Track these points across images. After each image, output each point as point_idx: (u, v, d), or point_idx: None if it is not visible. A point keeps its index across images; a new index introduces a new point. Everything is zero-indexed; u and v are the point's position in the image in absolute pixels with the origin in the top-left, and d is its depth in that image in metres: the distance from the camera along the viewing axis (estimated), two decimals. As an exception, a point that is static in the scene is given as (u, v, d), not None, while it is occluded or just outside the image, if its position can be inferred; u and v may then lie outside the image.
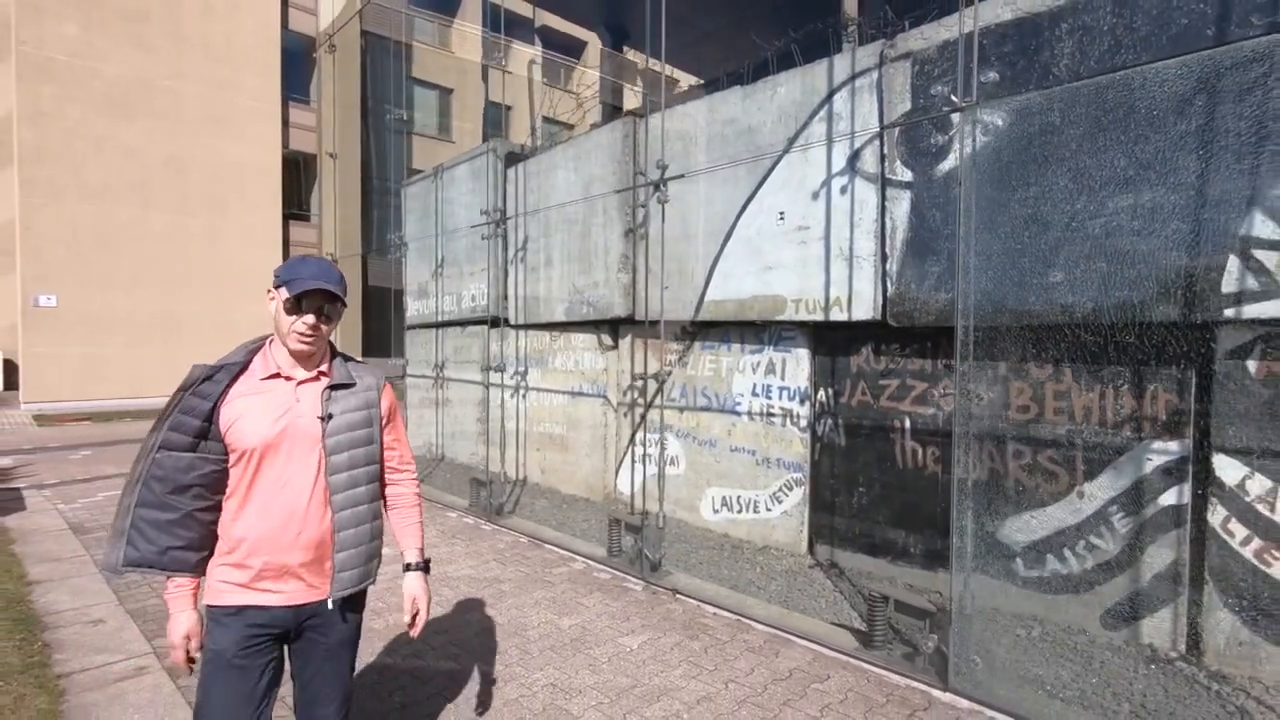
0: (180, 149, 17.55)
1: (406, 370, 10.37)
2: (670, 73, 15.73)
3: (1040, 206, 3.91)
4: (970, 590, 3.36)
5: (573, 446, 7.51)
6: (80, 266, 16.07)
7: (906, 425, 4.80)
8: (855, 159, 4.81)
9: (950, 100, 3.77)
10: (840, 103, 4.91)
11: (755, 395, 5.73)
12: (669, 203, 5.72)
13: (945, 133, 4.28)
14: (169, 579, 1.79)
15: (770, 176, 5.37)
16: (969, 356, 3.30)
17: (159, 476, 1.74)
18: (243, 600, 1.80)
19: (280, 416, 1.82)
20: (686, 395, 6.31)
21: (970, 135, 3.46)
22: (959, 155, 3.78)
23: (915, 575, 4.74)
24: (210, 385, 1.79)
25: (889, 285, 4.66)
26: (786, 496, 5.51)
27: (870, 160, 4.73)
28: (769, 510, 5.63)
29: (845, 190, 4.87)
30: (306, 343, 1.84)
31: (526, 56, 22.50)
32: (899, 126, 4.40)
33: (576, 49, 23.95)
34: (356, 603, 1.98)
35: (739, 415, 5.85)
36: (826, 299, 5.01)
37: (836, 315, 4.96)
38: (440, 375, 9.47)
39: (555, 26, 21.75)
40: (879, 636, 3.61)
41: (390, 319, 10.75)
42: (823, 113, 5.02)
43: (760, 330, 5.66)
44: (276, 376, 1.85)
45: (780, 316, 5.32)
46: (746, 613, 4.19)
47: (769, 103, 5.39)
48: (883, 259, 4.69)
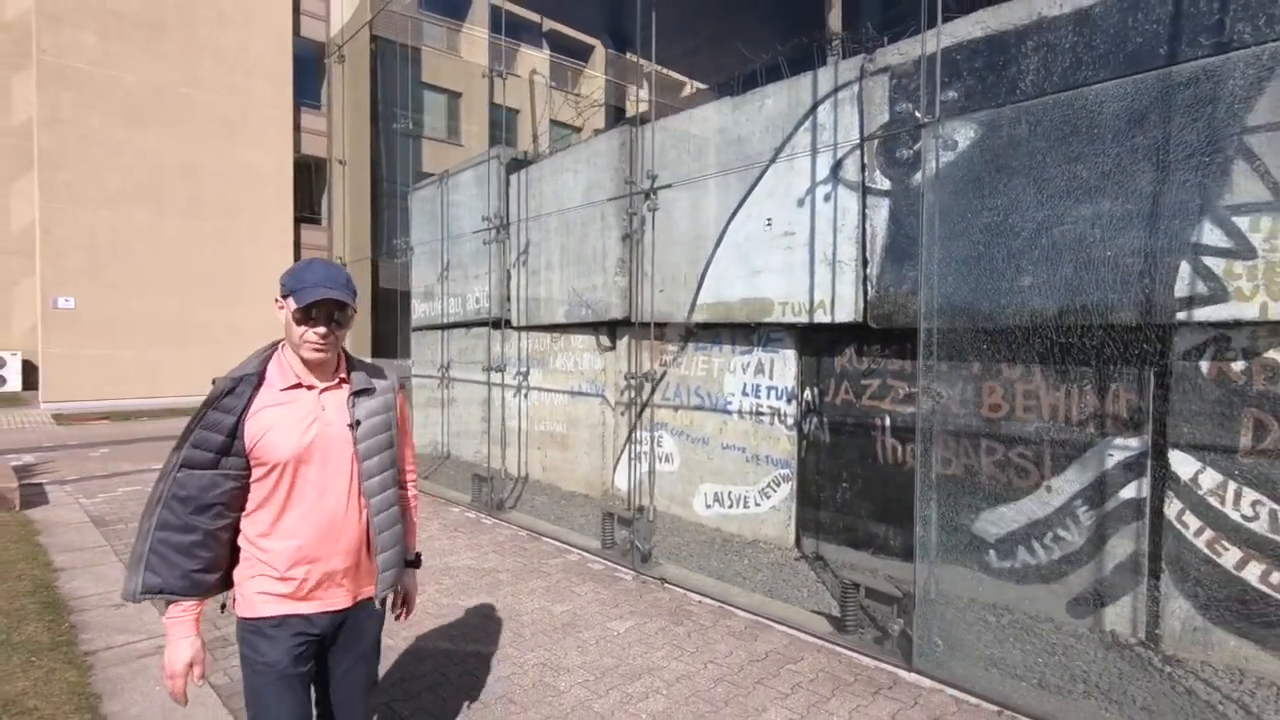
0: (195, 154, 17.93)
1: (412, 371, 10.65)
2: (666, 74, 15.95)
3: (1009, 214, 4.11)
4: (934, 577, 3.57)
5: (572, 444, 7.75)
6: (98, 269, 16.48)
7: (887, 423, 5.00)
8: (838, 168, 5.02)
9: (915, 117, 3.97)
10: (824, 114, 5.12)
11: (745, 394, 5.95)
12: (664, 208, 5.97)
13: (951, 138, 4.49)
14: (168, 604, 1.71)
15: (759, 184, 5.59)
16: (932, 357, 3.51)
17: (181, 497, 1.68)
18: (285, 611, 1.78)
19: (309, 426, 1.79)
20: (681, 395, 6.53)
21: (933, 150, 3.67)
22: (939, 165, 3.99)
23: (895, 566, 4.93)
24: (233, 399, 1.73)
25: (869, 289, 4.87)
26: (775, 492, 5.72)
27: (851, 170, 4.94)
28: (758, 505, 5.84)
29: (828, 198, 5.08)
30: (320, 351, 1.80)
31: (534, 60, 22.81)
32: (878, 138, 4.60)
33: (584, 52, 24.21)
34: (385, 605, 2.01)
35: (730, 414, 6.07)
36: (811, 302, 5.22)
37: (820, 317, 5.17)
38: (445, 376, 9.73)
39: (563, 30, 22.01)
40: (851, 621, 3.82)
41: (397, 321, 11.03)
42: (807, 124, 5.24)
43: (750, 332, 5.88)
44: (298, 386, 1.82)
45: (768, 318, 5.53)
46: (729, 600, 4.41)
47: (757, 113, 5.61)
48: (863, 264, 4.90)
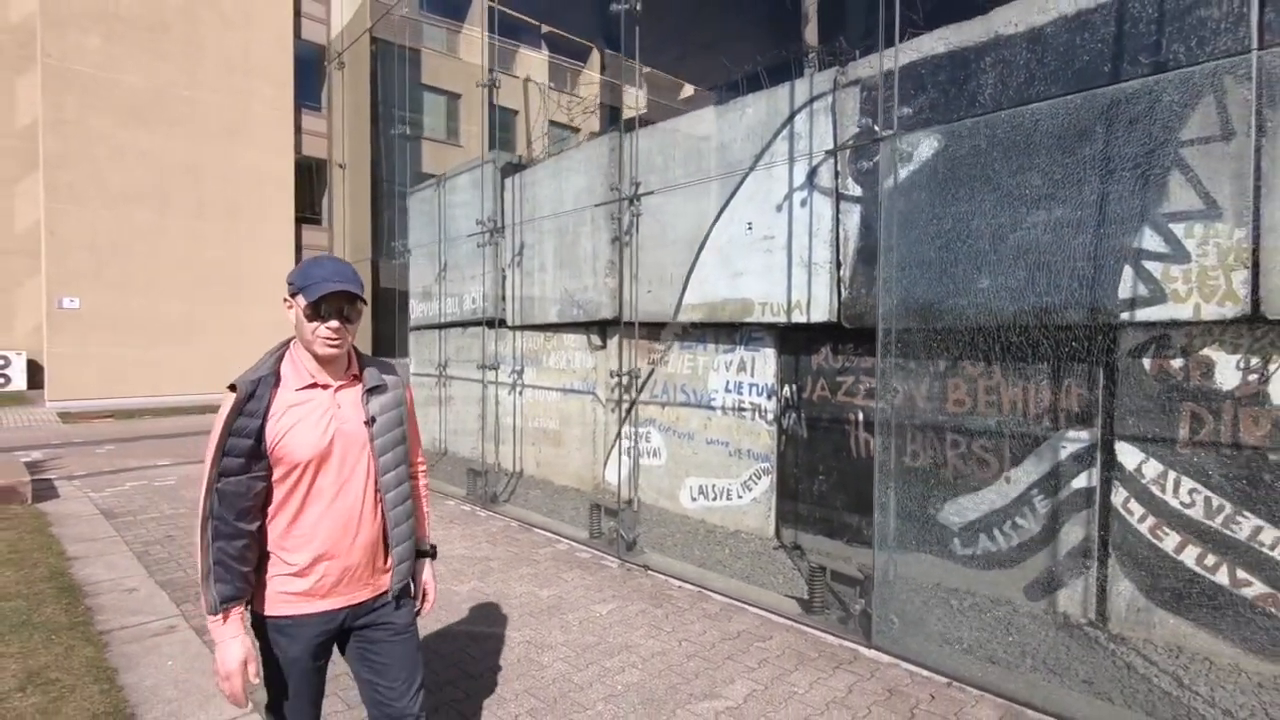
0: (197, 156, 18.19)
1: (411, 370, 10.90)
2: (663, 75, 16.18)
3: (970, 220, 4.35)
4: (893, 561, 3.82)
5: (565, 440, 8.00)
6: (102, 270, 16.73)
7: (859, 418, 5.25)
8: (813, 175, 5.27)
9: (874, 130, 4.22)
10: (800, 123, 5.37)
11: (728, 391, 6.20)
12: (652, 212, 6.22)
13: (905, 151, 4.73)
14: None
15: (740, 190, 5.84)
16: (890, 355, 3.75)
17: (225, 505, 1.72)
18: (306, 609, 1.82)
19: (327, 425, 1.82)
20: (668, 392, 6.78)
21: (891, 161, 3.91)
22: (896, 176, 4.24)
23: (868, 555, 5.18)
24: (254, 402, 1.75)
25: (842, 290, 5.12)
26: (756, 485, 5.97)
27: (826, 177, 5.18)
28: (740, 498, 6.10)
29: (805, 203, 5.32)
30: (333, 346, 1.81)
31: (533, 61, 23.04)
32: (849, 148, 4.85)
33: (582, 53, 24.45)
34: (406, 590, 2.03)
35: (714, 410, 6.32)
36: (789, 302, 5.47)
37: (797, 317, 5.41)
38: (443, 374, 9.98)
39: (561, 31, 22.24)
40: (818, 603, 4.07)
41: (395, 321, 11.29)
42: (785, 132, 5.48)
43: (732, 331, 6.13)
44: (314, 386, 1.84)
45: (749, 318, 5.78)
46: (707, 585, 4.67)
47: (739, 121, 5.86)
48: (837, 266, 5.14)
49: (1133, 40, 3.73)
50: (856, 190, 4.99)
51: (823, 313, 5.23)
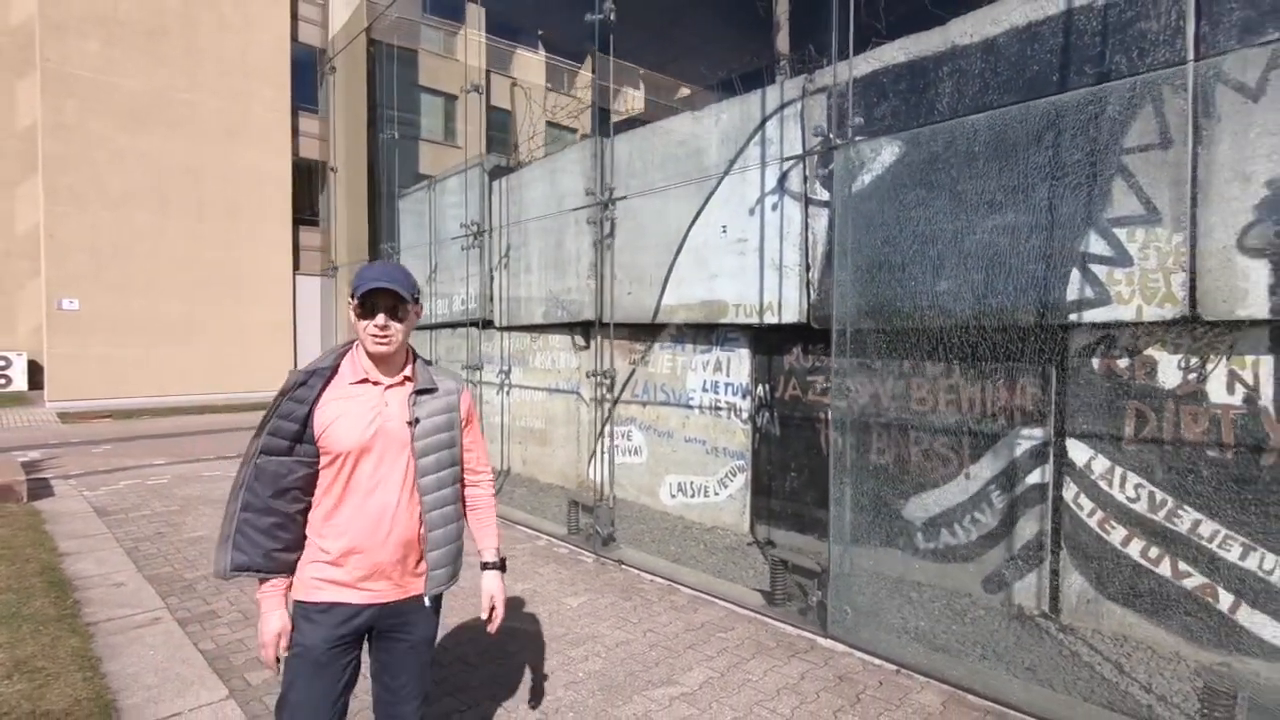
0: (196, 158, 18.35)
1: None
2: (660, 75, 16.29)
3: (929, 224, 4.48)
4: (848, 553, 3.96)
5: (550, 439, 8.15)
6: (101, 271, 16.91)
7: (829, 417, 5.39)
8: (783, 180, 5.40)
9: (830, 138, 4.36)
10: (771, 129, 5.50)
11: (705, 391, 6.34)
12: (632, 215, 6.37)
13: (865, 158, 4.87)
14: (260, 581, 1.85)
15: (715, 194, 5.97)
16: (845, 355, 3.89)
17: (262, 481, 1.80)
18: (334, 597, 1.86)
19: (372, 420, 1.87)
20: (648, 391, 6.93)
21: (846, 169, 4.05)
22: (851, 183, 4.37)
23: (868, 555, 5.32)
24: (305, 390, 1.85)
25: (811, 292, 5.26)
26: (731, 482, 6.11)
27: (795, 181, 5.32)
28: (716, 495, 6.24)
29: (775, 207, 5.46)
30: (381, 343, 1.87)
31: (530, 62, 23.19)
32: (815, 153, 4.98)
33: (580, 54, 24.57)
34: (438, 602, 2.04)
35: (692, 409, 6.46)
36: (761, 304, 5.60)
37: (769, 319, 5.55)
38: (434, 374, 10.12)
39: (545, 34, 22.35)
40: (779, 595, 4.21)
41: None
42: (757, 138, 5.62)
43: (709, 332, 6.27)
44: (365, 382, 1.91)
45: (724, 320, 5.92)
46: (677, 579, 4.81)
47: (714, 127, 5.99)
48: (806, 269, 5.28)
49: (1078, 51, 3.86)
50: (824, 195, 5.13)
51: (793, 314, 5.37)
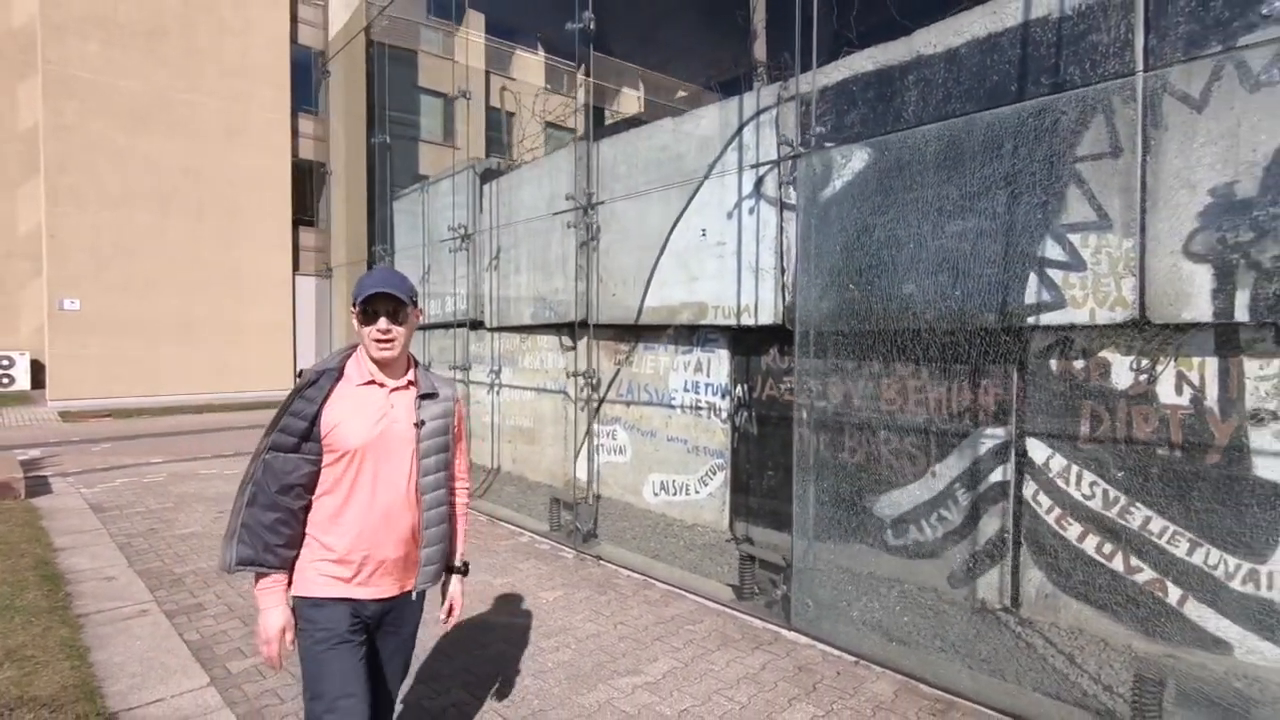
0: (196, 158, 18.51)
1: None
2: (658, 75, 16.36)
3: (896, 229, 4.60)
4: (812, 548, 4.08)
5: (539, 438, 8.28)
6: (102, 271, 17.08)
7: (822, 418, 5.50)
8: (759, 185, 5.52)
9: (792, 146, 4.48)
10: (749, 135, 5.62)
11: (687, 391, 6.46)
12: (616, 218, 6.50)
13: (827, 166, 4.99)
14: (259, 576, 1.86)
15: (695, 197, 6.09)
16: (808, 355, 4.01)
17: (269, 476, 1.84)
18: (341, 593, 1.91)
19: (379, 420, 1.93)
20: (632, 391, 7.06)
21: (808, 176, 4.17)
22: (814, 189, 4.50)
23: (843, 553, 5.44)
24: (315, 390, 1.89)
25: (786, 294, 5.38)
26: (711, 480, 6.24)
27: (771, 186, 5.44)
28: (697, 493, 6.36)
29: (752, 211, 5.58)
30: (384, 349, 1.93)
31: (529, 63, 23.30)
32: (782, 161, 5.10)
33: (577, 55, 24.64)
34: (423, 596, 2.12)
35: (674, 408, 6.59)
36: (738, 306, 5.72)
37: (746, 320, 5.67)
38: (427, 373, 10.26)
39: (534, 34, 22.42)
40: (747, 589, 4.34)
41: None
42: (735, 143, 5.74)
43: (690, 333, 6.39)
44: (372, 384, 1.97)
45: (703, 321, 6.04)
46: (652, 574, 4.94)
47: (694, 132, 6.12)
48: (781, 272, 5.40)
49: (1035, 62, 3.98)
50: (805, 199, 5.24)
51: (769, 316, 5.49)
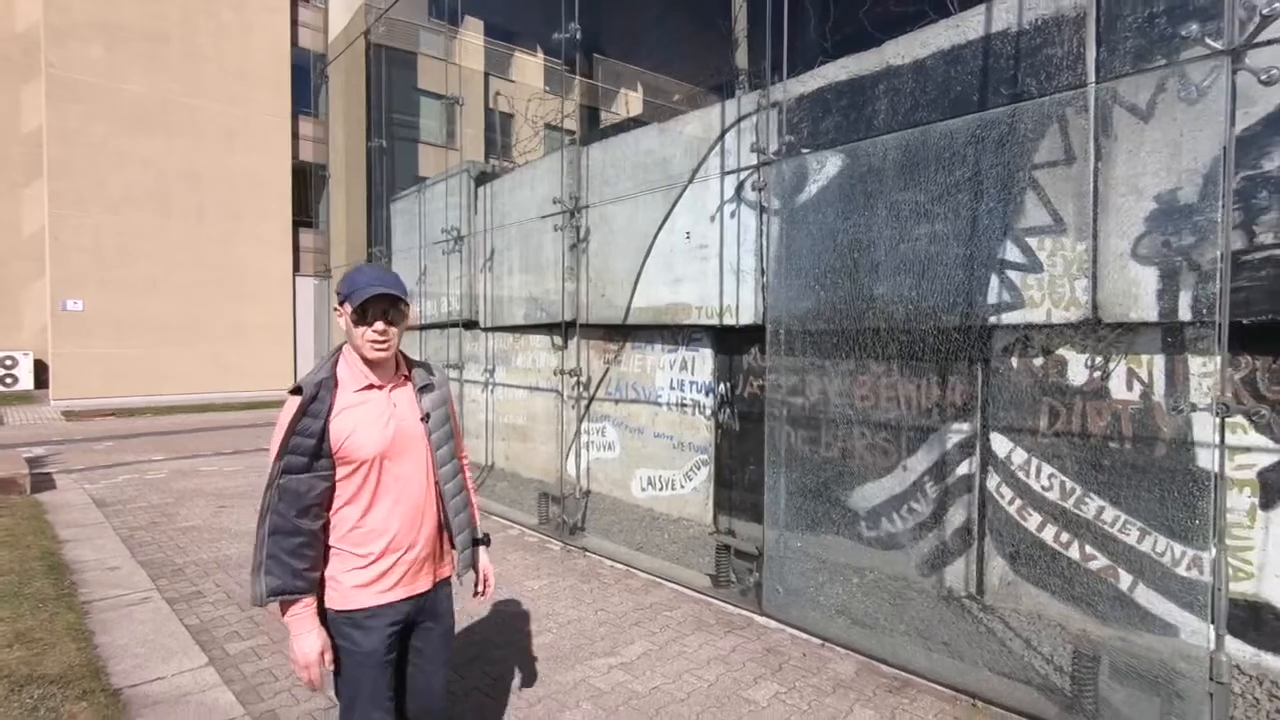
0: (197, 161, 18.75)
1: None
2: (640, 71, 16.57)
3: (867, 231, 4.79)
4: (783, 536, 4.27)
5: (532, 435, 8.48)
6: (104, 273, 17.31)
7: (791, 413, 5.69)
8: (740, 189, 5.71)
9: (763, 153, 4.67)
10: (730, 140, 5.81)
11: (672, 389, 6.66)
12: (605, 220, 6.70)
13: (797, 172, 5.18)
14: (286, 605, 1.83)
15: (680, 201, 6.29)
16: (779, 353, 4.20)
17: (286, 501, 1.80)
18: (378, 601, 1.90)
19: (388, 423, 1.91)
20: (621, 389, 7.25)
21: (777, 182, 4.36)
22: (784, 195, 4.69)
23: (811, 541, 5.63)
24: (318, 404, 1.84)
25: (765, 296, 5.56)
26: (696, 475, 6.43)
27: (751, 190, 5.63)
28: (682, 487, 6.56)
29: (734, 215, 5.77)
30: (380, 349, 1.90)
31: (529, 64, 23.49)
32: (758, 166, 5.29)
33: (578, 57, 24.84)
34: (448, 583, 2.15)
35: (660, 406, 6.78)
36: (720, 307, 5.91)
37: (728, 320, 5.86)
38: (423, 373, 10.46)
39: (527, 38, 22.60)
40: (723, 577, 4.53)
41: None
42: (718, 148, 5.93)
43: (676, 333, 6.59)
44: (370, 388, 1.94)
45: (687, 321, 6.23)
46: (635, 564, 5.13)
47: (679, 137, 6.31)
48: (761, 273, 5.59)
49: (995, 74, 4.17)
50: (776, 204, 5.44)
51: (750, 316, 5.67)
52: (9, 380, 18.55)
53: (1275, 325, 3.35)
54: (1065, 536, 4.10)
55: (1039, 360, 4.20)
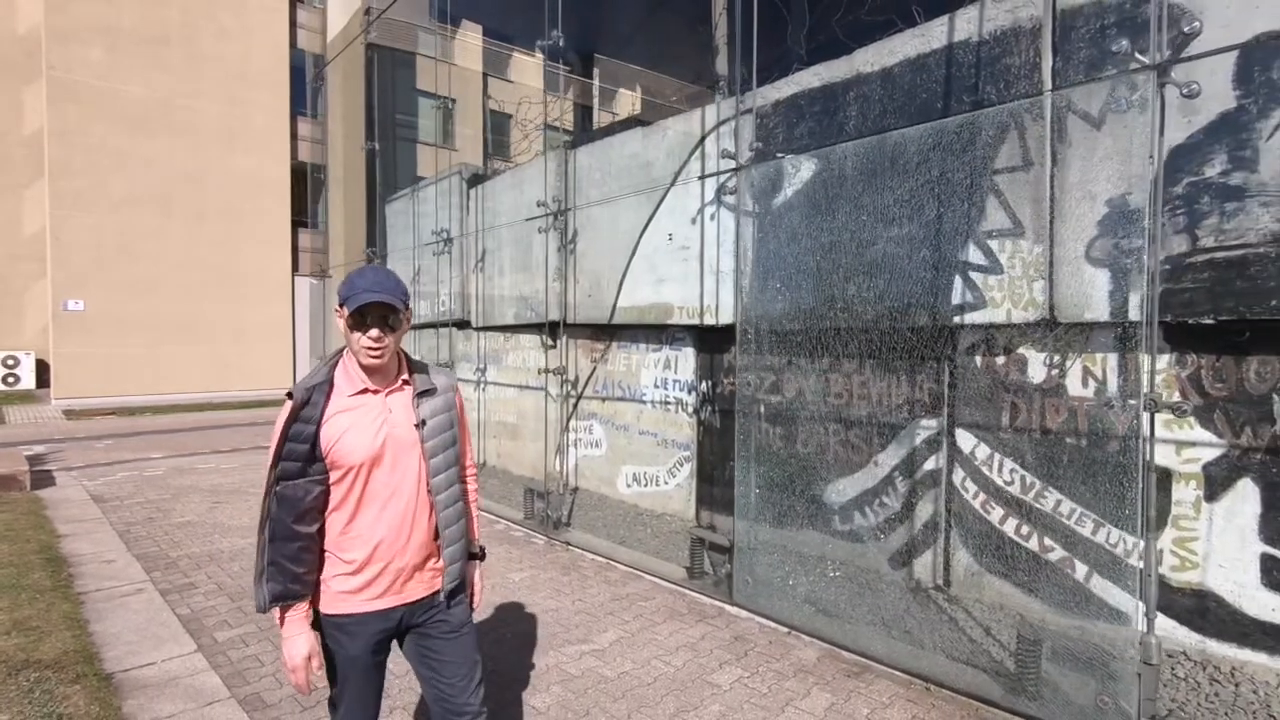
0: (197, 162, 18.91)
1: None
2: (640, 71, 16.67)
3: (832, 234, 4.93)
4: (753, 529, 4.42)
5: (521, 433, 8.63)
6: (105, 273, 17.49)
7: (761, 410, 5.84)
8: (720, 192, 5.85)
9: (733, 157, 4.82)
10: (710, 144, 5.96)
11: (656, 387, 6.80)
12: (592, 222, 6.86)
13: (778, 175, 5.32)
14: (284, 609, 1.84)
15: (663, 204, 6.43)
16: (749, 351, 4.35)
17: (283, 508, 1.80)
18: (364, 608, 1.89)
19: (379, 429, 1.87)
20: (608, 388, 7.40)
21: (746, 187, 4.51)
22: (752, 200, 4.83)
23: (779, 534, 5.78)
24: (310, 409, 1.82)
25: (743, 296, 5.71)
26: (679, 471, 6.58)
27: (739, 192, 5.77)
28: (666, 484, 6.70)
29: (713, 217, 5.91)
30: (374, 356, 1.86)
31: (527, 65, 23.63)
32: (739, 169, 5.43)
33: (578, 57, 24.97)
34: (459, 588, 2.09)
35: (645, 404, 6.93)
36: (702, 307, 6.06)
37: (709, 320, 6.01)
38: (417, 372, 10.62)
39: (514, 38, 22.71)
40: (697, 569, 4.68)
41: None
42: (698, 152, 6.07)
43: (660, 332, 6.73)
44: (365, 391, 1.90)
45: (670, 321, 6.38)
46: (615, 557, 5.28)
47: (662, 142, 6.46)
48: (739, 274, 5.73)
49: (958, 81, 4.31)
50: (761, 206, 5.58)
51: (729, 316, 5.81)
52: (11, 380, 18.73)
53: (1218, 325, 3.49)
54: (1025, 529, 4.24)
55: (1001, 359, 4.34)
